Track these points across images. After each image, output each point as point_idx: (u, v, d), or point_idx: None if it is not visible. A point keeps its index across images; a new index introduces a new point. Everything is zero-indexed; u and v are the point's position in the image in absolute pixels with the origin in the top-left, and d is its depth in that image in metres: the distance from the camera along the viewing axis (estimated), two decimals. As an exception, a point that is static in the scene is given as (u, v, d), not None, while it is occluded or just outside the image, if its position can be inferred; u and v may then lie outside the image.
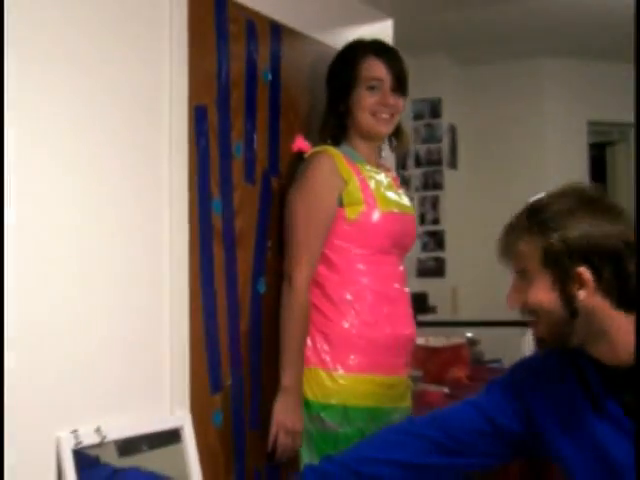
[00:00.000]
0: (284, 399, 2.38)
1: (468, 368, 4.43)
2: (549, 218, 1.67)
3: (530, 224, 1.70)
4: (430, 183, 5.49)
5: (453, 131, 5.54)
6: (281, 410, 2.38)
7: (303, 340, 2.42)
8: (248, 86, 2.38)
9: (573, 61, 5.51)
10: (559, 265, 1.65)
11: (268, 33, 2.47)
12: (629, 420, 1.65)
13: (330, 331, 2.44)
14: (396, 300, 2.54)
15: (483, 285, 5.54)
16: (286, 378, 2.39)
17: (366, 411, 2.43)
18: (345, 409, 2.41)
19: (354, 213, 2.46)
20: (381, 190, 2.54)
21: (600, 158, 5.90)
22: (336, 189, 2.46)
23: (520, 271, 1.73)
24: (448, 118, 5.46)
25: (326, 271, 2.47)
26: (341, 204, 2.46)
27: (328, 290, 2.47)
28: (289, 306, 2.41)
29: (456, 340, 4.45)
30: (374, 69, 2.52)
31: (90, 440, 1.82)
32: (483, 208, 5.60)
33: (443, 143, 5.46)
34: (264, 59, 2.46)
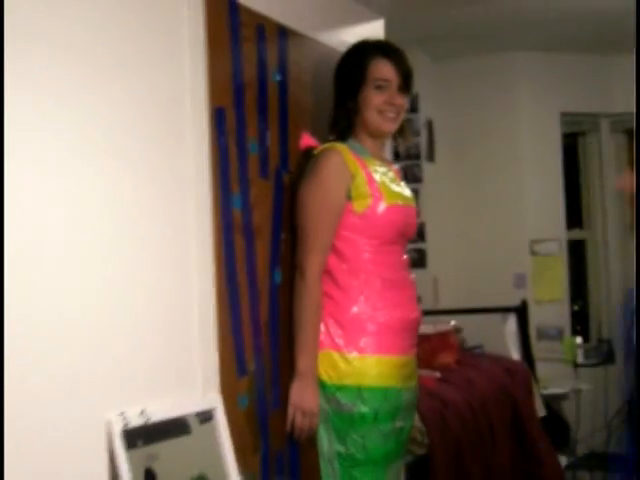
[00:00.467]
0: (299, 383, 2.53)
1: (457, 354, 4.59)
2: None
3: None
4: (410, 176, 5.63)
5: (430, 125, 5.68)
6: (297, 393, 2.53)
7: (316, 326, 2.56)
8: (260, 87, 2.51)
9: (544, 54, 5.66)
10: None
11: (276, 36, 2.61)
12: None
13: (341, 316, 2.58)
14: (402, 286, 2.69)
15: (463, 274, 5.72)
16: (301, 363, 2.53)
17: (379, 391, 2.56)
18: (359, 389, 2.55)
19: (361, 206, 2.60)
20: (386, 183, 2.68)
21: (572, 147, 6.08)
22: (345, 183, 2.59)
23: None
24: (425, 113, 5.59)
25: (336, 261, 2.61)
26: (349, 197, 2.59)
27: (338, 278, 2.61)
28: (302, 295, 2.55)
29: (444, 327, 4.61)
30: (383, 70, 2.65)
31: (136, 422, 1.95)
32: (461, 200, 5.77)
33: (421, 137, 5.60)
34: (273, 61, 2.59)
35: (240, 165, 2.40)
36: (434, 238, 5.58)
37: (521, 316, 5.12)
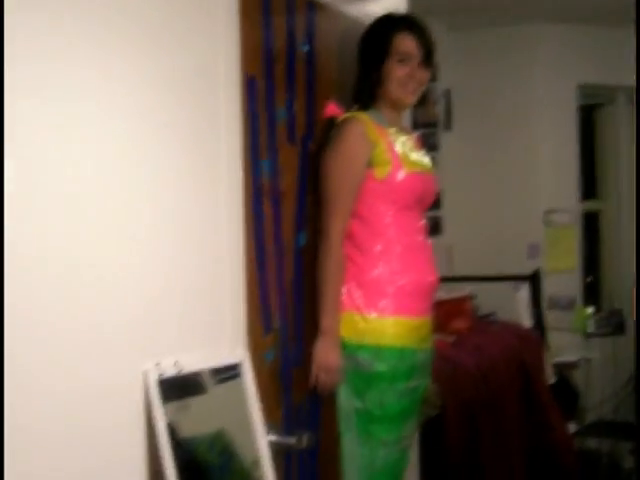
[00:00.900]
0: (323, 341, 2.66)
1: (470, 320, 4.71)
2: None
3: None
4: (427, 145, 5.70)
5: (448, 94, 5.76)
6: (321, 350, 2.65)
7: (338, 287, 2.68)
8: (289, 57, 2.61)
9: (562, 26, 5.69)
10: None
11: (304, 7, 2.70)
12: None
13: (362, 279, 2.70)
14: (419, 250, 2.80)
15: (477, 242, 5.80)
16: (324, 322, 2.65)
17: (396, 350, 2.69)
18: (377, 348, 2.67)
19: (382, 173, 2.71)
20: (406, 152, 2.78)
21: (588, 119, 6.14)
22: (366, 152, 2.70)
23: None
24: (443, 82, 5.65)
25: (357, 225, 2.72)
26: (370, 165, 2.70)
27: (359, 242, 2.72)
28: (325, 257, 2.67)
29: (458, 294, 4.72)
30: (406, 44, 2.75)
31: (170, 372, 2.07)
32: (476, 169, 5.85)
33: (439, 106, 5.67)
34: (301, 31, 2.68)
35: (269, 132, 2.50)
36: (450, 206, 5.65)
37: (534, 285, 5.20)
